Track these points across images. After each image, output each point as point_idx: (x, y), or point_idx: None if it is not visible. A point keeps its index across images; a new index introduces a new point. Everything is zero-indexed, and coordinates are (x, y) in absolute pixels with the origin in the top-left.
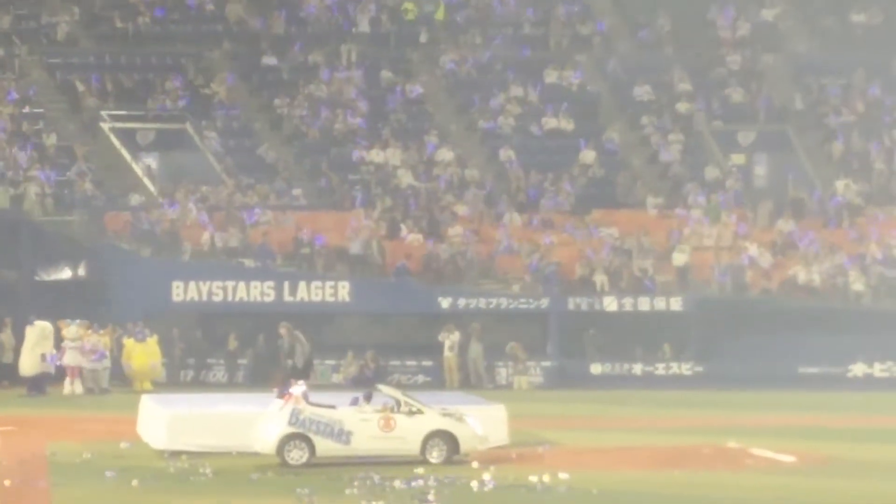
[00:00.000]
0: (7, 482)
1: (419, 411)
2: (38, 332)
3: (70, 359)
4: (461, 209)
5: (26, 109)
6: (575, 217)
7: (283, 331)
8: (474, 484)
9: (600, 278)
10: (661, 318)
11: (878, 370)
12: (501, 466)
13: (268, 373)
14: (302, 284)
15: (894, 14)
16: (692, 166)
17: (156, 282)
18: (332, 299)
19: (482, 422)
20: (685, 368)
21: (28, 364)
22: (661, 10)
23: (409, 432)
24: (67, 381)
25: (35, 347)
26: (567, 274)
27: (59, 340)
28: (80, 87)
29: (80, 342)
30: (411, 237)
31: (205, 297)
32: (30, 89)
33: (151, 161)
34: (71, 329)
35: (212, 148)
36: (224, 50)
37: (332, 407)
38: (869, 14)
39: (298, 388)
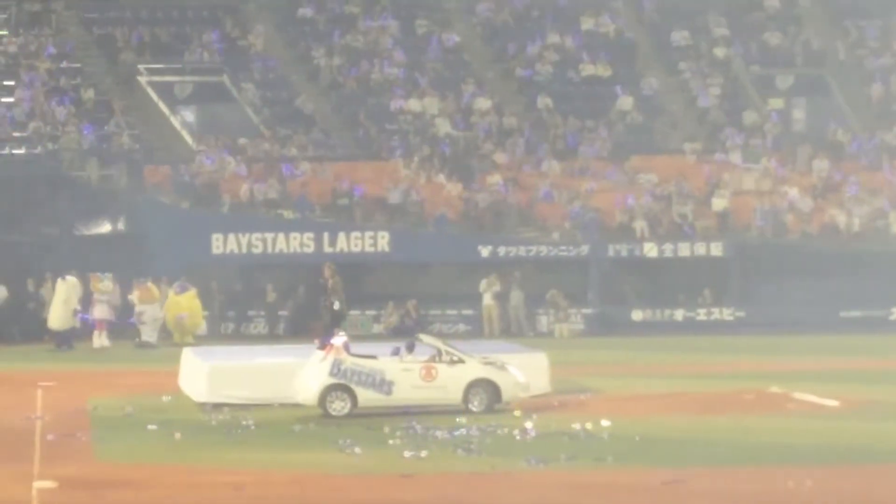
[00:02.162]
0: (50, 436)
1: (460, 360)
2: (69, 287)
3: (99, 312)
4: (499, 157)
5: (64, 64)
6: (614, 163)
7: (327, 271)
8: (516, 432)
9: (640, 224)
10: (702, 264)
11: None
12: (543, 414)
13: (308, 324)
14: (341, 235)
15: None
16: (730, 111)
17: (195, 235)
18: (371, 249)
19: (524, 370)
20: (726, 314)
21: (58, 318)
22: None
23: (450, 381)
24: (96, 333)
25: (66, 302)
26: (607, 220)
27: (88, 294)
28: (118, 42)
29: (109, 295)
30: (450, 186)
31: (244, 250)
32: (67, 44)
33: (189, 114)
34: (105, 283)
35: (249, 100)
36: (260, 1)
37: (374, 357)
38: None
39: (339, 338)
